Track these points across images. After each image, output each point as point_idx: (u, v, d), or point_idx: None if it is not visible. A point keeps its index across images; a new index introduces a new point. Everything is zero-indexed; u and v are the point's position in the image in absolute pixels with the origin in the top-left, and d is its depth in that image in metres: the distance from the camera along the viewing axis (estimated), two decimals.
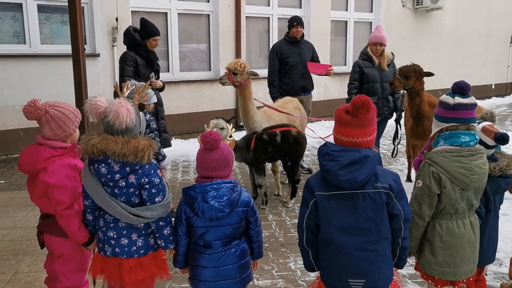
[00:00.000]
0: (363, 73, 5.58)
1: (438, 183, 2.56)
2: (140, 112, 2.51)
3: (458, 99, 2.56)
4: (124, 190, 2.44)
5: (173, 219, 2.58)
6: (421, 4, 11.96)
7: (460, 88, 2.58)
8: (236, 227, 2.49)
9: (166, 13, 8.62)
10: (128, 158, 2.34)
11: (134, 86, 2.77)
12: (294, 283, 3.68)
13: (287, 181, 5.64)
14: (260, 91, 8.53)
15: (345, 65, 11.42)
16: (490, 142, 2.79)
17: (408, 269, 3.83)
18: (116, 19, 7.80)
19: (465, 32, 13.60)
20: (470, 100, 2.57)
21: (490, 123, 2.95)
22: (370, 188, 2.22)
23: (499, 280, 3.75)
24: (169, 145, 5.51)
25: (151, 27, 5.34)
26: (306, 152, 6.51)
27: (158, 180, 2.47)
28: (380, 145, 7.16)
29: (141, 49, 5.28)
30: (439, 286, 2.73)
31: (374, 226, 2.25)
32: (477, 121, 2.89)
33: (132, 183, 2.42)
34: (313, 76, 6.68)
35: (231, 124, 3.23)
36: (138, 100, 2.51)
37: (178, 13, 8.72)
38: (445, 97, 2.64)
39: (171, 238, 2.55)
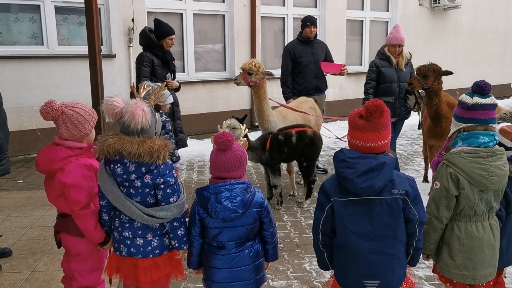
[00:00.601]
0: (380, 73, 5.53)
1: (456, 184, 2.51)
2: (156, 113, 2.52)
3: (477, 99, 2.52)
4: (140, 190, 2.44)
5: (187, 219, 2.58)
6: (438, 3, 11.80)
7: (479, 88, 2.52)
8: (250, 228, 2.47)
9: (181, 14, 8.65)
10: (144, 158, 2.35)
11: (150, 87, 2.77)
12: (309, 284, 3.66)
13: (302, 182, 5.62)
14: (275, 91, 8.51)
15: (361, 64, 11.33)
16: (508, 143, 2.72)
17: (425, 270, 3.78)
18: (132, 20, 7.85)
19: (483, 31, 13.39)
20: (490, 100, 2.52)
21: (509, 123, 2.88)
22: (387, 195, 2.22)
23: None
24: (185, 145, 5.53)
25: (165, 26, 5.36)
26: (321, 153, 6.48)
27: (173, 180, 2.47)
28: (397, 145, 7.09)
29: (157, 49, 5.30)
30: None
31: (391, 232, 2.25)
32: (498, 125, 2.84)
33: (147, 183, 2.42)
34: (329, 76, 6.64)
35: (244, 125, 3.23)
36: (154, 101, 2.52)
37: (194, 14, 8.75)
38: (464, 97, 2.59)
39: (185, 239, 2.55)
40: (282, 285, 3.66)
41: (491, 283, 2.72)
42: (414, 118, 6.97)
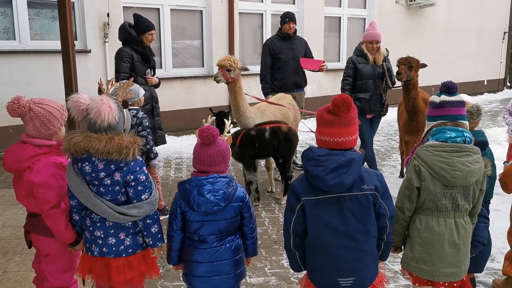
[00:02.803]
0: (357, 69, 5.56)
1: (418, 176, 2.56)
2: (125, 109, 2.47)
3: (444, 97, 2.62)
4: (110, 189, 2.40)
5: (166, 216, 2.54)
6: (414, 1, 11.96)
7: (446, 87, 2.63)
8: (231, 222, 2.48)
9: (158, 9, 8.54)
10: (112, 155, 2.31)
11: (118, 83, 2.72)
12: (287, 281, 3.66)
13: (280, 178, 5.62)
14: (254, 87, 8.49)
15: (339, 61, 11.39)
16: None
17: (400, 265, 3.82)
18: (108, 15, 7.72)
19: (457, 28, 13.61)
20: (457, 98, 2.61)
21: None
22: (357, 191, 2.24)
23: (491, 276, 3.75)
24: (165, 142, 5.46)
25: (145, 21, 5.28)
26: (299, 149, 6.49)
27: (144, 177, 2.43)
28: (374, 142, 7.15)
29: (137, 45, 5.20)
30: (417, 284, 2.70)
31: (362, 228, 2.27)
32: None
33: (117, 181, 2.38)
34: (307, 73, 6.65)
35: (229, 120, 3.20)
36: (121, 97, 2.47)
37: (171, 9, 8.65)
38: (432, 97, 2.70)
39: (159, 236, 2.52)
40: (259, 281, 3.65)
41: (455, 284, 2.67)
42: (391, 114, 7.06)
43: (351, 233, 2.26)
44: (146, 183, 2.46)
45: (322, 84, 10.73)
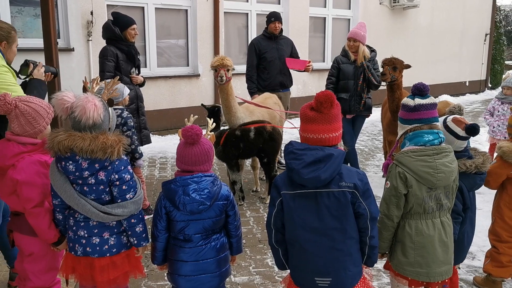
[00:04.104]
0: (340, 69, 5.60)
1: (404, 183, 2.58)
2: (110, 108, 2.47)
3: (418, 100, 2.63)
4: (94, 188, 2.39)
5: (151, 216, 2.54)
6: (398, 2, 12.07)
7: (419, 90, 2.65)
8: (216, 221, 2.49)
9: (143, 8, 8.48)
10: (97, 154, 2.30)
11: (103, 82, 2.70)
12: (271, 279, 3.67)
13: (265, 177, 5.63)
14: (239, 87, 8.49)
15: (324, 61, 11.45)
16: (461, 132, 2.82)
17: (383, 263, 3.85)
18: (91, 13, 7.64)
19: (440, 30, 13.79)
20: (430, 100, 2.64)
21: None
22: (335, 187, 2.22)
23: (472, 274, 3.81)
24: (150, 141, 5.43)
25: (125, 17, 5.23)
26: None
27: (129, 176, 2.43)
28: (358, 141, 7.21)
29: (121, 43, 5.15)
30: (413, 287, 2.75)
31: (339, 226, 2.24)
32: (446, 115, 2.95)
33: (101, 180, 2.37)
34: (292, 73, 6.67)
35: (211, 119, 3.21)
36: (107, 95, 2.45)
37: (156, 8, 8.60)
38: (406, 100, 2.70)
39: (144, 235, 2.52)
40: (244, 280, 3.66)
41: (446, 280, 2.79)
42: (375, 115, 7.13)
43: (327, 230, 2.24)
44: (131, 183, 2.45)
45: (307, 84, 10.78)
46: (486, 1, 15.30)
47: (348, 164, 5.89)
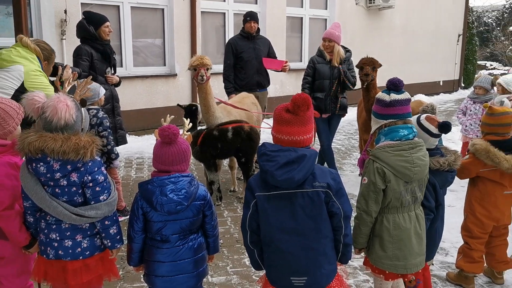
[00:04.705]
0: (316, 69, 5.64)
1: (382, 178, 2.61)
2: (82, 108, 2.43)
3: (394, 96, 2.65)
4: (66, 190, 2.35)
5: (127, 217, 2.51)
6: (373, 3, 12.21)
7: (394, 85, 2.67)
8: (193, 221, 2.48)
9: (118, 6, 8.38)
10: (69, 155, 2.26)
11: (76, 81, 2.66)
12: (249, 279, 3.67)
13: (243, 177, 5.63)
14: (216, 86, 8.46)
15: (301, 61, 11.51)
16: (434, 130, 2.89)
17: (359, 261, 3.89)
18: (65, 12, 7.51)
19: (414, 31, 14.01)
20: (405, 95, 2.67)
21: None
22: (308, 188, 2.23)
23: (445, 270, 3.89)
24: (126, 142, 5.36)
25: (98, 15, 5.16)
26: None
27: (103, 177, 2.40)
28: (335, 140, 7.27)
29: (96, 42, 5.07)
30: (390, 280, 2.79)
31: (313, 225, 2.26)
32: (419, 114, 3.01)
33: (74, 182, 2.33)
34: (270, 72, 6.68)
35: (188, 119, 3.20)
36: (79, 95, 2.42)
37: (131, 7, 8.50)
38: (381, 95, 2.72)
39: (118, 237, 2.49)
40: (221, 280, 3.65)
41: (420, 271, 2.86)
42: (351, 114, 7.20)
43: (302, 230, 2.26)
44: (105, 184, 2.42)
45: (285, 84, 10.81)
46: (459, 3, 15.63)
47: (325, 163, 5.94)
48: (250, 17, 6.34)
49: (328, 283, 2.36)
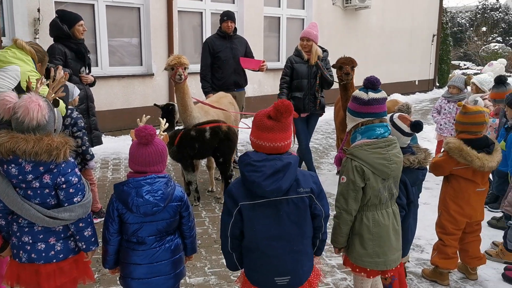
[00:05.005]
0: (293, 69, 5.65)
1: (361, 176, 2.63)
2: (55, 109, 2.38)
3: (372, 94, 2.66)
4: (39, 192, 2.30)
5: (103, 218, 2.47)
6: (350, 3, 12.32)
7: (372, 83, 2.68)
8: (170, 222, 2.46)
9: (93, 5, 8.25)
10: (41, 157, 2.21)
11: (49, 81, 2.61)
12: (227, 279, 3.66)
13: (221, 177, 5.61)
14: (194, 86, 8.41)
15: (279, 61, 11.54)
16: (406, 129, 2.93)
17: (337, 259, 3.93)
18: (38, 10, 7.35)
19: (390, 31, 14.20)
20: (382, 94, 2.69)
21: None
22: (293, 194, 2.26)
23: (421, 266, 3.95)
24: (101, 142, 5.28)
25: (71, 14, 5.08)
26: (240, 148, 6.53)
27: (77, 179, 2.36)
28: (312, 140, 7.31)
29: (70, 41, 4.97)
30: (371, 277, 2.82)
31: (298, 229, 2.30)
32: (393, 113, 3.05)
33: (47, 184, 2.29)
34: (248, 72, 6.68)
35: (164, 119, 3.17)
36: (52, 95, 2.37)
37: (106, 5, 8.38)
38: (359, 93, 2.72)
39: (93, 239, 2.45)
40: (199, 281, 3.63)
41: (398, 266, 2.90)
42: (329, 113, 7.25)
43: (287, 235, 2.29)
44: (79, 185, 2.38)
45: (263, 84, 10.83)
46: (433, 3, 15.90)
47: (303, 162, 5.97)
48: (227, 16, 6.33)
49: (308, 276, 2.41)
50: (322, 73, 5.58)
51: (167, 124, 2.99)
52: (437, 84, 16.92)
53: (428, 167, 3.14)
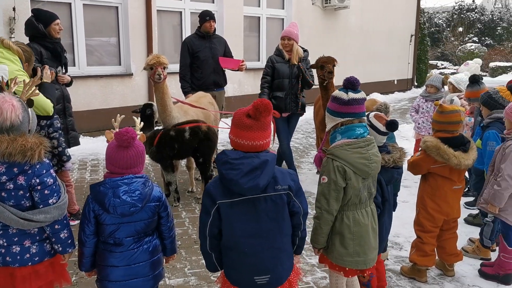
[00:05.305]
0: (275, 68, 5.66)
1: (343, 176, 2.63)
2: (29, 109, 2.33)
3: (352, 95, 2.67)
4: (13, 193, 2.25)
5: (78, 221, 2.43)
6: (329, 3, 12.41)
7: (351, 84, 2.69)
8: (148, 223, 2.43)
9: (70, 4, 8.12)
10: (15, 158, 2.17)
11: (23, 80, 2.56)
12: (207, 280, 3.65)
13: (201, 177, 5.58)
14: (173, 86, 8.36)
15: (259, 60, 11.55)
16: (382, 128, 2.96)
17: (317, 258, 3.94)
18: (14, 9, 7.20)
19: (369, 31, 14.35)
20: (362, 95, 2.71)
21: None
22: (271, 191, 2.26)
23: (400, 264, 3.99)
24: (78, 143, 5.20)
25: (47, 13, 4.99)
26: (220, 148, 6.50)
27: (52, 180, 2.31)
28: (292, 139, 7.33)
29: (46, 40, 4.88)
30: (350, 276, 2.83)
31: (276, 227, 2.30)
32: (370, 112, 3.08)
33: (21, 185, 2.24)
34: (228, 72, 6.66)
35: (139, 118, 3.14)
36: (26, 95, 2.32)
37: (84, 4, 8.26)
38: (338, 93, 2.73)
39: (69, 241, 2.41)
40: (179, 282, 3.61)
41: (375, 265, 2.94)
42: (309, 113, 7.28)
43: (266, 233, 2.28)
44: (54, 187, 2.34)
45: (243, 83, 10.82)
46: (411, 4, 16.13)
47: (283, 162, 5.98)
48: (210, 16, 6.30)
49: (288, 275, 2.41)
50: (304, 76, 5.60)
51: (142, 123, 2.97)
52: (416, 84, 17.17)
53: (403, 166, 3.17)
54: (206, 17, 6.30)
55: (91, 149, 7.41)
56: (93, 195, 2.35)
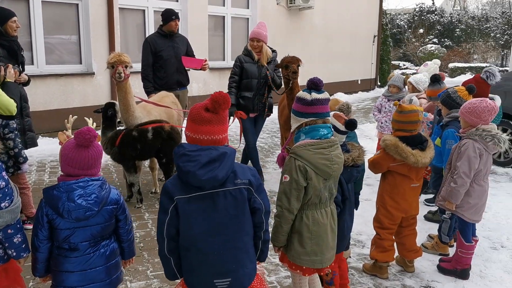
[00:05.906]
0: (243, 68, 5.66)
1: (304, 176, 2.64)
2: None
3: (315, 95, 2.68)
4: None
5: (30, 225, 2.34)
6: (294, 3, 12.50)
7: (315, 84, 2.70)
8: (105, 226, 2.38)
9: (28, 1, 7.87)
10: None
11: None
12: (170, 282, 3.59)
13: (164, 178, 5.51)
14: (137, 85, 8.22)
15: (224, 60, 11.52)
16: (341, 127, 2.99)
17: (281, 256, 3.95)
18: None
19: (333, 31, 14.53)
20: (325, 95, 2.72)
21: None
22: (230, 186, 2.21)
23: (362, 261, 4.05)
24: (36, 144, 5.03)
25: (4, 10, 4.83)
26: None
27: (4, 183, 2.23)
28: (258, 139, 7.33)
29: (2, 38, 4.72)
30: (307, 275, 2.85)
31: (236, 224, 2.24)
32: (332, 112, 3.10)
33: None
34: (193, 71, 6.60)
35: (91, 118, 3.07)
36: None
37: (42, 1, 8.01)
38: (302, 94, 2.74)
39: (23, 246, 2.33)
40: (141, 285, 3.54)
41: (333, 264, 2.96)
42: (275, 113, 7.30)
43: (225, 230, 2.22)
44: (6, 190, 2.26)
45: (208, 83, 10.76)
46: (374, 5, 16.46)
47: (249, 161, 5.98)
48: (175, 15, 6.22)
49: (250, 282, 2.35)
50: (272, 80, 5.64)
51: (94, 123, 2.91)
52: (379, 83, 17.53)
53: (363, 164, 3.21)
54: (172, 16, 6.20)
55: (50, 150, 7.19)
56: (46, 199, 2.27)
